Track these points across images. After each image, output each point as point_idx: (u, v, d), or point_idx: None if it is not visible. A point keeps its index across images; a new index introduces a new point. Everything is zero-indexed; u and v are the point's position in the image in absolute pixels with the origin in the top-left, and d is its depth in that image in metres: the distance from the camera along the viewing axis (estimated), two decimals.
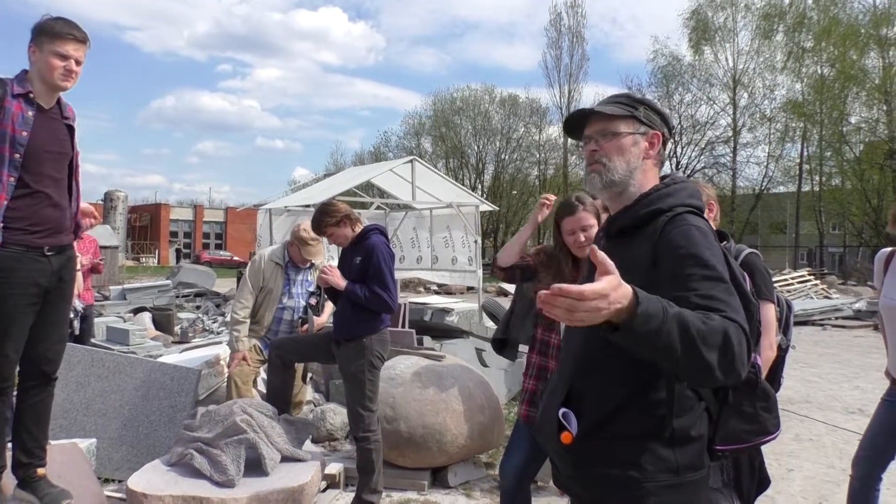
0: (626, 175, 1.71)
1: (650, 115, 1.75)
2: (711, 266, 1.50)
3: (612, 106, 1.75)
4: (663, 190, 1.69)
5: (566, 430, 1.59)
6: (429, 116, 54.79)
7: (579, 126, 1.81)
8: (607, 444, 1.59)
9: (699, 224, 1.59)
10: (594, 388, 1.62)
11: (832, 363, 10.17)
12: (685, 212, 1.63)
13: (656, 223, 1.62)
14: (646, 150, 1.74)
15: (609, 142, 1.73)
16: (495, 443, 4.66)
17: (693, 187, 1.74)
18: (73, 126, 2.91)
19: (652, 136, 1.75)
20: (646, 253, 1.60)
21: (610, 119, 1.73)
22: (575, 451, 1.62)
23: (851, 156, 38.14)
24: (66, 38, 2.72)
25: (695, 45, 43.09)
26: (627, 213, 1.71)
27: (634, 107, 1.75)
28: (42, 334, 2.91)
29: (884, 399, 3.18)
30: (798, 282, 20.60)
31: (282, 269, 4.81)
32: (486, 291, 18.95)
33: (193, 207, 59.90)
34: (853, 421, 6.47)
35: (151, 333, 9.81)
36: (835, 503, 4.22)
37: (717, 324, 1.36)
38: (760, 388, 1.64)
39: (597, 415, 1.59)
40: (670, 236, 1.57)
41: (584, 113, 1.78)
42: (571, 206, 3.03)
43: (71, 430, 4.18)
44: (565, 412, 1.61)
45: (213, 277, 18.96)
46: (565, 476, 1.73)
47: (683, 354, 1.33)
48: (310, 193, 13.25)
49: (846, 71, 36.89)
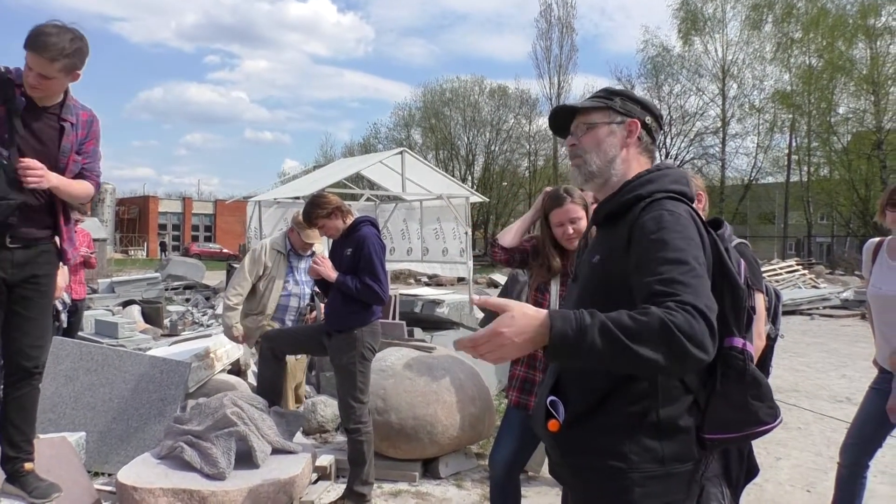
0: (605, 165, 1.73)
1: (626, 105, 1.76)
2: (676, 248, 1.48)
3: (587, 101, 1.79)
4: (646, 177, 1.69)
5: (553, 418, 1.60)
6: (418, 108, 54.72)
7: (566, 126, 1.84)
8: (592, 434, 1.59)
9: (672, 208, 1.58)
10: (579, 377, 1.62)
11: (820, 352, 10.26)
12: (664, 197, 1.62)
13: (635, 209, 1.63)
14: (624, 139, 1.74)
15: (586, 135, 1.76)
16: (486, 433, 4.67)
17: (678, 173, 1.73)
18: (64, 126, 2.84)
19: (629, 123, 1.75)
20: (623, 237, 1.60)
21: (586, 112, 1.77)
22: (561, 440, 1.63)
23: (839, 146, 38.35)
24: (34, 54, 2.64)
25: (684, 35, 43.18)
26: (611, 201, 1.72)
27: (609, 98, 1.77)
28: (20, 329, 2.89)
29: (871, 387, 3.21)
30: (786, 271, 20.74)
31: (284, 256, 4.81)
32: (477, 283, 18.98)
33: (182, 200, 59.50)
34: (841, 409, 6.53)
35: (140, 326, 9.76)
36: (822, 490, 4.26)
37: (652, 317, 1.33)
38: (750, 376, 1.60)
39: (582, 403, 1.60)
40: (642, 221, 1.57)
41: (563, 110, 1.82)
42: (559, 198, 3.03)
43: (60, 423, 4.15)
44: (553, 400, 1.62)
45: (202, 270, 18.87)
46: (555, 464, 1.74)
47: (619, 359, 1.33)
48: (299, 185, 13.21)
49: (834, 61, 37.06)
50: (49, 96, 2.79)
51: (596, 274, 1.67)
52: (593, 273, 1.68)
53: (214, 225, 57.88)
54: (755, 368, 1.63)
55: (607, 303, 1.48)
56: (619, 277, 1.58)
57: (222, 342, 5.39)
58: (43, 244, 2.92)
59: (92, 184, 3.01)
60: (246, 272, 4.75)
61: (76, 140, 2.90)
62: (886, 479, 4.59)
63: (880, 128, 35.96)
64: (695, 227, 1.57)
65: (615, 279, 1.60)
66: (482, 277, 24.70)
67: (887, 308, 3.13)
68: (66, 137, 2.85)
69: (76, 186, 2.93)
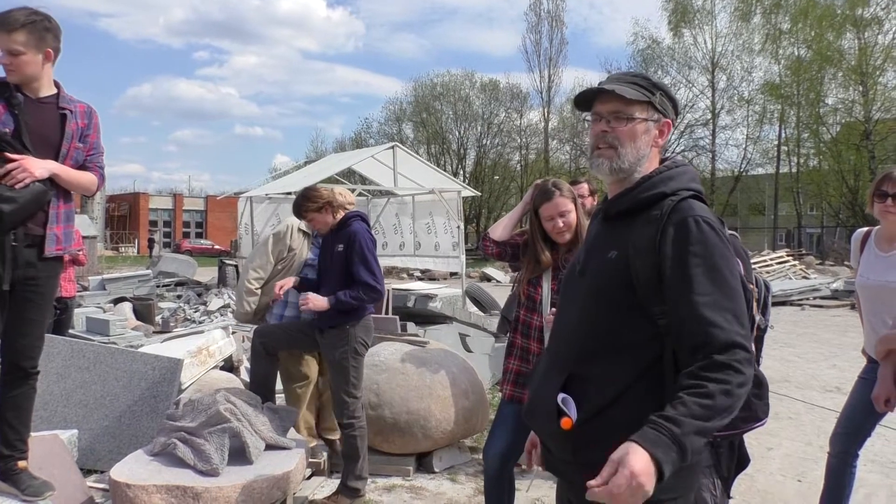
0: (635, 163, 1.67)
1: (665, 103, 1.71)
2: (717, 272, 1.52)
3: (631, 88, 1.67)
4: (665, 173, 1.66)
5: (566, 416, 1.58)
6: (409, 102, 54.65)
7: (590, 100, 1.74)
8: (608, 429, 1.56)
9: (704, 214, 1.58)
10: (596, 375, 1.60)
11: (810, 342, 10.33)
12: (690, 196, 1.61)
13: (661, 206, 1.60)
14: (655, 139, 1.70)
15: (623, 126, 1.67)
16: (480, 427, 4.68)
17: (694, 171, 1.72)
18: (65, 114, 2.90)
19: (663, 124, 1.71)
20: (651, 236, 1.58)
21: (627, 103, 1.66)
22: (575, 437, 1.60)
23: (828, 137, 38.53)
24: None
25: (674, 27, 43.23)
26: (628, 196, 1.67)
27: (652, 92, 1.69)
28: (19, 330, 2.88)
29: (860, 377, 3.23)
30: (776, 262, 20.86)
31: (310, 238, 4.72)
32: (470, 277, 18.98)
33: (173, 196, 59.25)
34: (831, 399, 6.58)
35: (132, 323, 9.71)
36: (813, 480, 4.30)
37: (716, 395, 1.42)
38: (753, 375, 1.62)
39: (599, 400, 1.58)
40: (679, 224, 1.56)
41: (602, 91, 1.70)
42: (548, 192, 3.04)
43: (52, 421, 4.14)
44: (565, 398, 1.60)
45: (193, 266, 18.80)
46: (561, 461, 1.71)
47: (714, 431, 1.45)
48: (291, 181, 13.18)
49: (823, 52, 37.18)
50: (27, 77, 2.80)
51: (614, 270, 1.63)
52: (609, 269, 1.64)
53: (206, 221, 57.65)
54: (758, 368, 1.69)
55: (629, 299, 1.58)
56: (645, 275, 1.58)
57: (215, 339, 5.37)
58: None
59: (96, 175, 3.05)
60: (270, 254, 4.60)
61: (77, 129, 2.94)
62: (876, 467, 4.63)
63: (869, 118, 36.13)
64: (724, 231, 1.60)
65: (641, 277, 1.58)
66: (475, 271, 24.73)
67: (875, 298, 3.16)
68: (68, 125, 2.90)
69: (79, 175, 2.96)
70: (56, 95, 2.91)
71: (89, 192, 3.11)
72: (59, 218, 2.94)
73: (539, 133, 50.85)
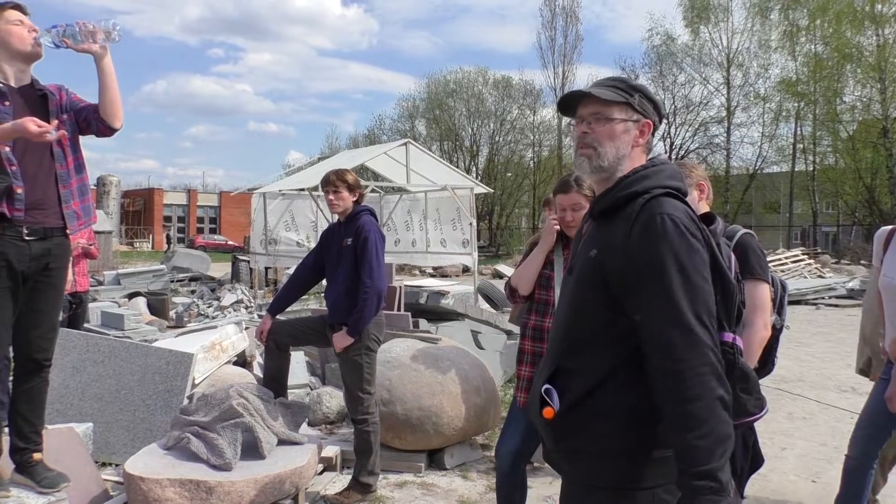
0: (615, 162, 1.73)
1: (644, 104, 1.76)
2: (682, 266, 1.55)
3: (608, 90, 1.74)
4: (642, 172, 1.70)
5: (548, 406, 1.65)
6: (422, 99, 54.55)
7: (574, 105, 1.81)
8: (588, 419, 1.62)
9: (672, 210, 1.60)
10: (578, 367, 1.66)
11: (825, 342, 10.24)
12: (662, 194, 1.65)
13: (633, 205, 1.65)
14: (636, 139, 1.75)
15: (602, 126, 1.73)
16: (491, 424, 4.68)
17: (673, 168, 1.75)
18: (46, 95, 2.94)
19: (643, 124, 1.76)
20: (622, 233, 1.63)
21: (605, 104, 1.73)
22: (557, 426, 1.66)
23: (845, 134, 38.09)
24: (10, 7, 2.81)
25: (690, 24, 42.87)
26: (608, 196, 1.73)
27: (630, 93, 1.74)
28: (31, 322, 2.90)
29: (881, 378, 3.15)
30: (792, 261, 20.67)
31: None
32: (482, 274, 18.96)
33: (187, 192, 59.59)
34: (846, 399, 6.52)
35: (146, 318, 9.81)
36: (827, 480, 4.26)
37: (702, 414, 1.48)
38: (739, 370, 1.65)
39: (580, 391, 1.63)
40: (643, 222, 1.60)
41: (581, 95, 1.78)
42: (567, 185, 3.04)
43: (67, 414, 4.18)
44: (548, 388, 1.67)
45: (207, 262, 18.93)
46: (550, 451, 1.77)
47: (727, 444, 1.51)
48: (304, 177, 13.19)
49: (841, 49, 36.71)
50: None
51: (592, 267, 1.69)
52: (589, 266, 1.70)
53: (219, 217, 57.96)
54: (744, 362, 1.70)
55: (605, 295, 1.62)
56: (616, 272, 1.63)
57: (228, 334, 5.40)
58: (57, 236, 2.92)
59: None
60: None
61: (58, 104, 2.98)
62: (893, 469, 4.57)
63: (886, 116, 35.65)
64: (695, 226, 1.61)
65: (612, 274, 1.63)
66: (487, 268, 24.70)
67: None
68: (51, 102, 2.94)
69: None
70: (31, 83, 2.94)
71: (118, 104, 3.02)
72: (73, 194, 2.95)
73: (552, 130, 50.61)
